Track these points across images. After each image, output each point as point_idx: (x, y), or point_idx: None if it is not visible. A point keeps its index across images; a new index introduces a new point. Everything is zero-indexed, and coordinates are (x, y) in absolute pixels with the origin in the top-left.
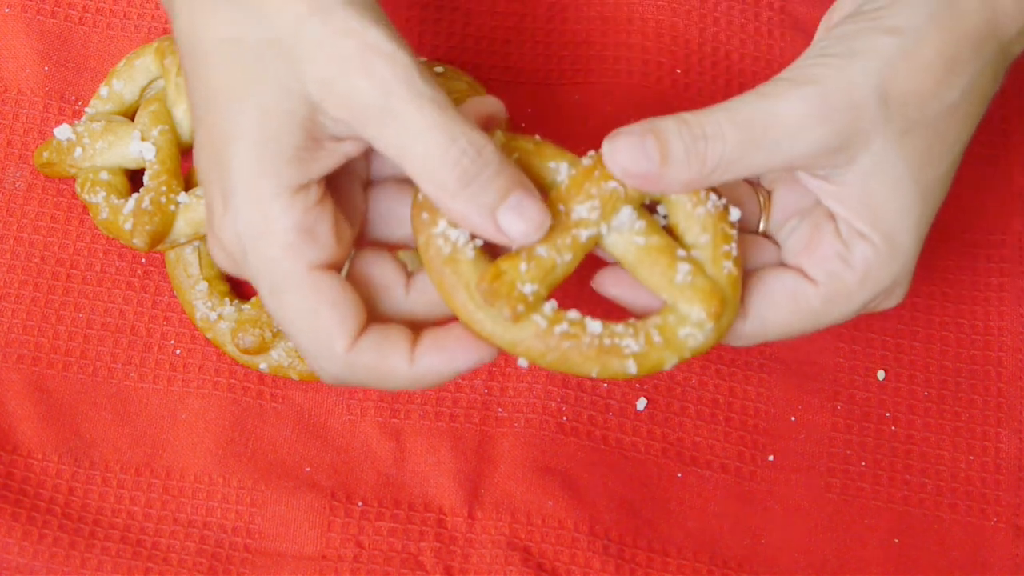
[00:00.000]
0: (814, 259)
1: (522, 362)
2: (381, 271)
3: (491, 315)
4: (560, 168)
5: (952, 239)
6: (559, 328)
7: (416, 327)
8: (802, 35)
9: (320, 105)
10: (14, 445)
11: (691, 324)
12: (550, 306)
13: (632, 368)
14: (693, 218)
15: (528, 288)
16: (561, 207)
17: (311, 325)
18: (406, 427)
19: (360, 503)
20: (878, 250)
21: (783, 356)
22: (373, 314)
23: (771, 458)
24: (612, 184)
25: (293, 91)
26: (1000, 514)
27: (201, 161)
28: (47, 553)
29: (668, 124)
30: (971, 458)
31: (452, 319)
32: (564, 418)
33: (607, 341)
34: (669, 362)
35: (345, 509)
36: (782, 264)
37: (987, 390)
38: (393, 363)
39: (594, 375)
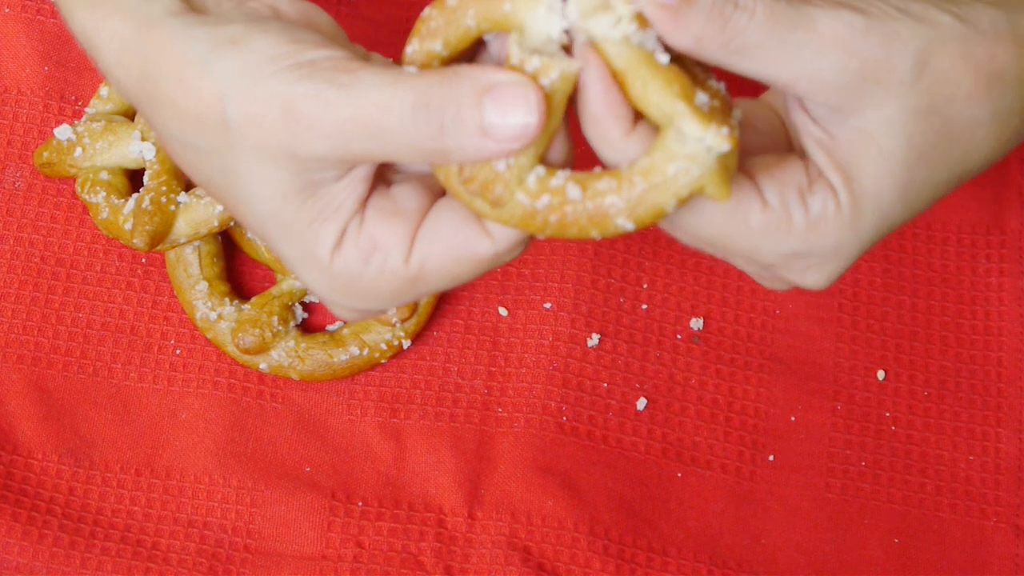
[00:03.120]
0: (773, 180)
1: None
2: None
3: (482, 204)
4: None
5: (952, 239)
6: (541, 203)
7: None
8: None
9: (302, 167)
10: (14, 445)
11: (684, 157)
12: (535, 176)
13: (628, 225)
14: (704, 87)
15: (502, 165)
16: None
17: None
18: (406, 427)
19: (360, 503)
20: (840, 208)
21: (783, 356)
22: None
23: (771, 458)
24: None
25: (273, 175)
26: (1000, 514)
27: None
28: (47, 553)
29: None
30: (971, 458)
31: None
32: (564, 418)
33: (590, 204)
34: (669, 205)
35: (345, 509)
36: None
37: (987, 390)
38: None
39: (596, 236)
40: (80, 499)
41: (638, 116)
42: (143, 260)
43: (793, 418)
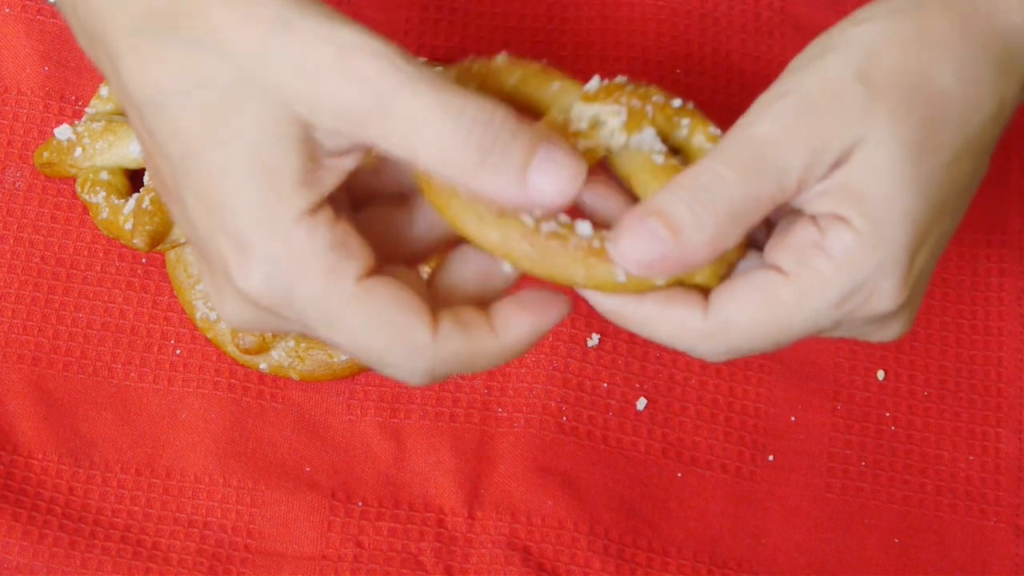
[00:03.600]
0: (786, 250)
1: (507, 267)
2: (385, 216)
3: (477, 212)
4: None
5: (952, 239)
6: (547, 227)
7: (423, 255)
8: (802, 35)
9: (312, 122)
10: (14, 445)
11: None
12: (540, 210)
13: (620, 277)
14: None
15: None
16: (575, 121)
17: (386, 336)
18: (406, 427)
19: (360, 503)
20: (859, 234)
21: (783, 356)
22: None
23: (771, 458)
24: (637, 103)
25: (280, 116)
26: (1000, 514)
27: (195, 221)
28: (47, 553)
29: (661, 195)
30: (971, 458)
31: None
32: (564, 418)
33: (596, 243)
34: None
35: (345, 509)
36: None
37: (987, 390)
38: (481, 341)
39: (580, 280)
40: (80, 499)
41: None
42: (143, 260)
43: (793, 418)
